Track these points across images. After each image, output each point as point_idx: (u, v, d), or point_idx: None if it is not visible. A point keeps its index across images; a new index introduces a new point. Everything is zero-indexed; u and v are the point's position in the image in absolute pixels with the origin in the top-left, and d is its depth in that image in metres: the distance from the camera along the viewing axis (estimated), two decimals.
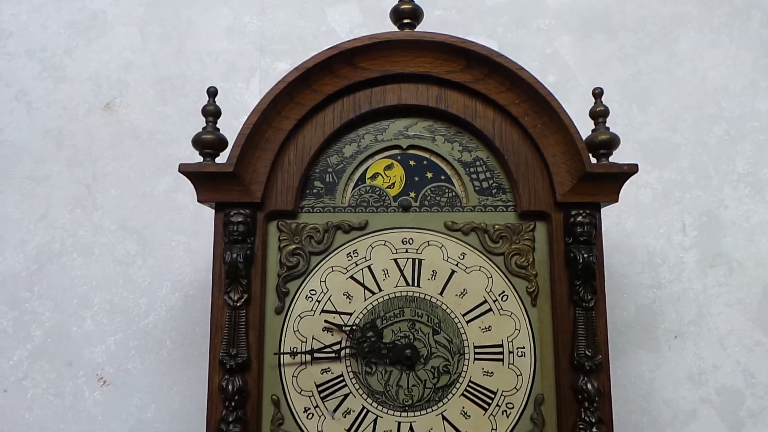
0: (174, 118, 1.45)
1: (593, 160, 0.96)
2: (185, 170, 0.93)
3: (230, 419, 0.90)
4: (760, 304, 1.37)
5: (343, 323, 0.95)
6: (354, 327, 0.95)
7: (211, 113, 0.98)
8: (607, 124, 0.98)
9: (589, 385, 0.91)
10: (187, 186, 1.41)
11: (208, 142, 0.95)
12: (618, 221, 1.40)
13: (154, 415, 1.34)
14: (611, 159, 0.97)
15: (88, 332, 1.37)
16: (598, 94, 0.99)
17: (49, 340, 1.37)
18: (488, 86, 0.97)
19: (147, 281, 1.39)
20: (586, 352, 0.91)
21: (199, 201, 0.95)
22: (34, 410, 1.34)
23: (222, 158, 0.96)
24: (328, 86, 0.97)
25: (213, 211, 0.98)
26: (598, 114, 0.98)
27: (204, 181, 0.94)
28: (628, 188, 1.41)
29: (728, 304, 1.37)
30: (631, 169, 0.93)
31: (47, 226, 1.41)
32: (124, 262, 1.39)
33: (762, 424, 1.32)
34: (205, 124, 0.97)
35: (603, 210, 0.99)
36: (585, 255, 0.93)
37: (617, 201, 0.95)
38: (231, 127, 0.98)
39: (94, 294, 1.38)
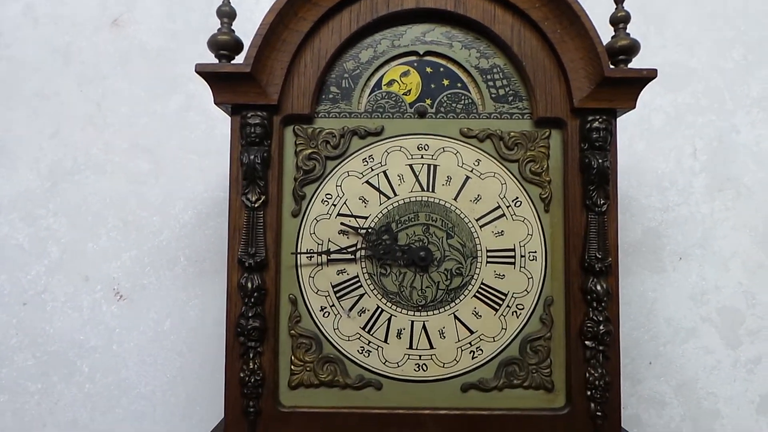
0: (182, 36, 1.43)
1: (611, 67, 0.95)
2: (202, 70, 0.93)
3: (249, 315, 0.93)
4: (766, 227, 1.38)
5: (358, 226, 0.97)
6: (369, 230, 0.96)
7: (226, 14, 0.96)
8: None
9: (598, 286, 0.93)
10: (198, 104, 1.42)
11: (224, 43, 0.94)
12: (629, 144, 1.40)
13: (170, 328, 1.38)
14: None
15: (103, 248, 1.40)
16: None
17: (65, 255, 1.40)
18: None
19: (160, 199, 1.40)
20: (597, 254, 0.93)
21: (215, 103, 0.95)
22: (54, 323, 1.39)
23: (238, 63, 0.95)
24: None
25: (227, 125, 0.97)
26: (619, 20, 0.96)
27: (220, 81, 0.93)
28: (640, 111, 1.41)
29: (734, 227, 1.39)
30: (651, 74, 0.93)
31: (59, 144, 1.41)
32: (136, 180, 1.40)
33: (760, 342, 1.36)
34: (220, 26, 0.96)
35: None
36: (600, 160, 0.93)
37: (634, 107, 0.95)
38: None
39: (108, 211, 1.40)
